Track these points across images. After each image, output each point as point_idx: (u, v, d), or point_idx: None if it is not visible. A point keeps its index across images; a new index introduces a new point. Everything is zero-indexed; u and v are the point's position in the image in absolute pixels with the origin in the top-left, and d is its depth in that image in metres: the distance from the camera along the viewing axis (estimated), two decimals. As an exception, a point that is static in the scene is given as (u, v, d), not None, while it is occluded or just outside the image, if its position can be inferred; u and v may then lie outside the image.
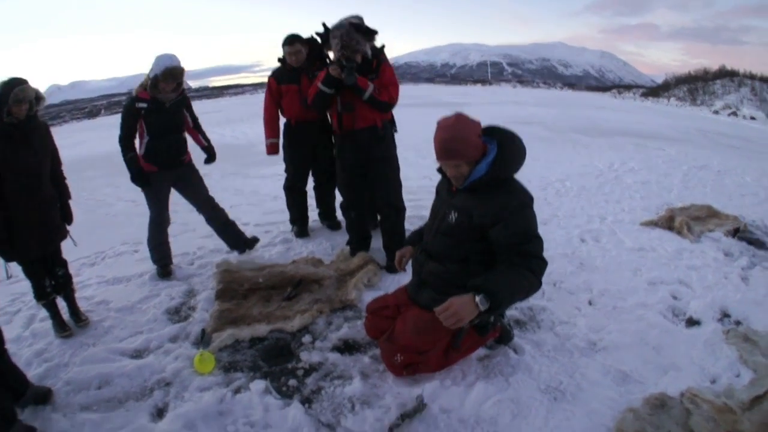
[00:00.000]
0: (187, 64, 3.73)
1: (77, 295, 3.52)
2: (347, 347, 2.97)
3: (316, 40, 4.09)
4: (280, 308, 3.39)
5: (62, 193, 3.46)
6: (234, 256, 4.25)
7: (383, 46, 3.72)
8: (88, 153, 11.14)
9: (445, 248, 2.53)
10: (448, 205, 2.53)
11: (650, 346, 2.90)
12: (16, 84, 3.07)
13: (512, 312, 3.25)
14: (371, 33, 3.53)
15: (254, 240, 4.38)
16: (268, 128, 4.49)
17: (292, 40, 4.15)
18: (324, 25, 3.74)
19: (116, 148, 3.72)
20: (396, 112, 4.11)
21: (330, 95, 3.57)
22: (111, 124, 4.23)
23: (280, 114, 4.46)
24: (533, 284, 2.25)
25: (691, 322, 3.18)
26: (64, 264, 3.49)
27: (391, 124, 3.88)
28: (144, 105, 3.70)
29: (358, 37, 3.45)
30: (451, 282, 2.44)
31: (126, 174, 3.80)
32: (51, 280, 3.40)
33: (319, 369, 2.77)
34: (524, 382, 2.57)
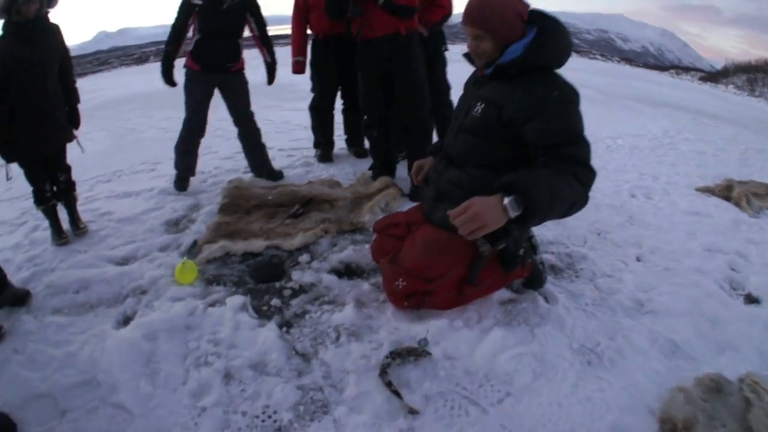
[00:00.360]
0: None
1: (84, 207, 3.39)
2: (348, 272, 2.52)
3: None
4: (282, 225, 2.94)
5: (70, 95, 3.37)
6: (249, 176, 3.86)
7: None
8: (129, 93, 10.80)
9: (469, 150, 1.98)
10: (474, 96, 1.99)
11: (705, 317, 2.32)
12: None
13: (547, 255, 2.71)
14: None
15: (279, 173, 3.92)
16: (294, 46, 4.04)
17: None
18: None
19: (157, 87, 3.45)
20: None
21: None
22: (158, 68, 4.06)
23: (309, 32, 4.00)
24: (579, 195, 1.68)
25: (751, 299, 2.58)
26: (67, 169, 3.39)
27: (415, 33, 3.32)
28: (199, 1, 3.39)
29: None
30: (473, 194, 1.86)
31: (161, 105, 3.53)
32: (52, 185, 3.32)
33: (310, 291, 2.33)
34: (553, 337, 2.04)
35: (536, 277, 2.33)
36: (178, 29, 3.46)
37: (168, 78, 3.55)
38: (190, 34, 3.54)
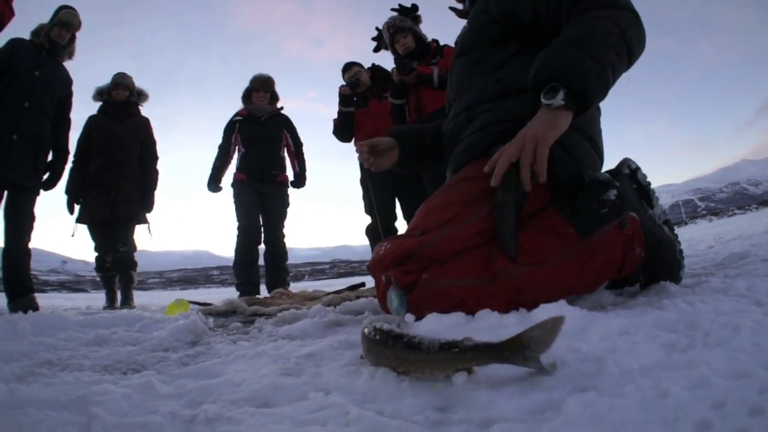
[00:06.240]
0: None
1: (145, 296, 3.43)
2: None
3: (380, 67, 3.69)
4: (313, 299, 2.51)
5: (147, 179, 3.74)
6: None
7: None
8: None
9: (466, 74, 1.50)
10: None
11: None
12: (118, 74, 3.76)
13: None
14: (415, 10, 3.26)
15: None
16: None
17: (348, 65, 3.72)
18: (376, 28, 3.42)
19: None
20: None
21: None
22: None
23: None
24: (625, 38, 1.13)
25: None
26: (129, 244, 3.63)
27: None
28: (240, 118, 3.76)
29: (406, 21, 3.22)
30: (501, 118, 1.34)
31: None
32: (112, 255, 3.57)
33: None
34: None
35: (660, 251, 1.20)
36: (224, 147, 3.74)
37: (215, 185, 3.72)
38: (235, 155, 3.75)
